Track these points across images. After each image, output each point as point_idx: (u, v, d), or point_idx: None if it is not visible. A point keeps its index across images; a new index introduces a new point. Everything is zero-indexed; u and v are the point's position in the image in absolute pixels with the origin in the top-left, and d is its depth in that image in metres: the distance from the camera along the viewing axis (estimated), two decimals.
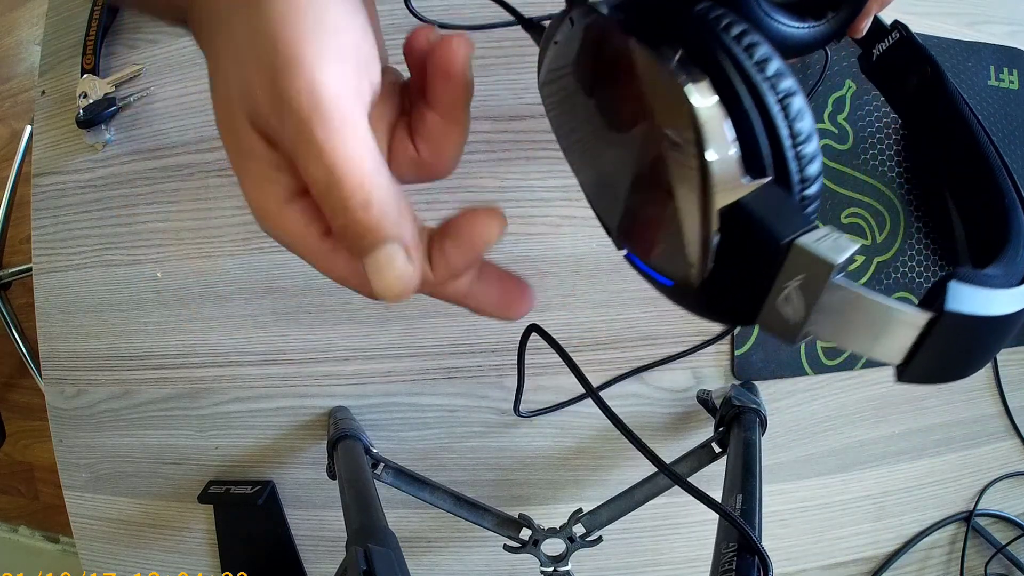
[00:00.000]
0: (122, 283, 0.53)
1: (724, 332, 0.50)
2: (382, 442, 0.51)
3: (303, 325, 0.51)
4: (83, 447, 0.54)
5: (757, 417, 0.44)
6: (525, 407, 0.49)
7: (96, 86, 0.51)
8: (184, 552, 0.54)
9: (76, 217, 0.53)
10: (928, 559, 0.54)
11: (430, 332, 0.50)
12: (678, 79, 0.18)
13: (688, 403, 0.51)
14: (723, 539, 0.33)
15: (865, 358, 0.51)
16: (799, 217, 0.18)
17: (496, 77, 0.49)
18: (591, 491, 0.52)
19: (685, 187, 0.19)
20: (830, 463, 0.52)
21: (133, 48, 0.53)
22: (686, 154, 0.18)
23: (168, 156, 0.52)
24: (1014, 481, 0.54)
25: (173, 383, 0.53)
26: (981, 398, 0.53)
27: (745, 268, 0.19)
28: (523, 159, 0.49)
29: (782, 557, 0.53)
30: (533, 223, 0.50)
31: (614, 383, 0.50)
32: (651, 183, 0.21)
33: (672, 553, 0.52)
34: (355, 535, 0.34)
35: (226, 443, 0.53)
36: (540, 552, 0.44)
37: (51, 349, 0.54)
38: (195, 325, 0.52)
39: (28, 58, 1.39)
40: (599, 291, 0.50)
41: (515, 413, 0.48)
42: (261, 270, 0.51)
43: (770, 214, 0.18)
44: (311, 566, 0.53)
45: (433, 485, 0.45)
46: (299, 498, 0.53)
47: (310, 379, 0.51)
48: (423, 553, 0.53)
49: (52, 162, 0.53)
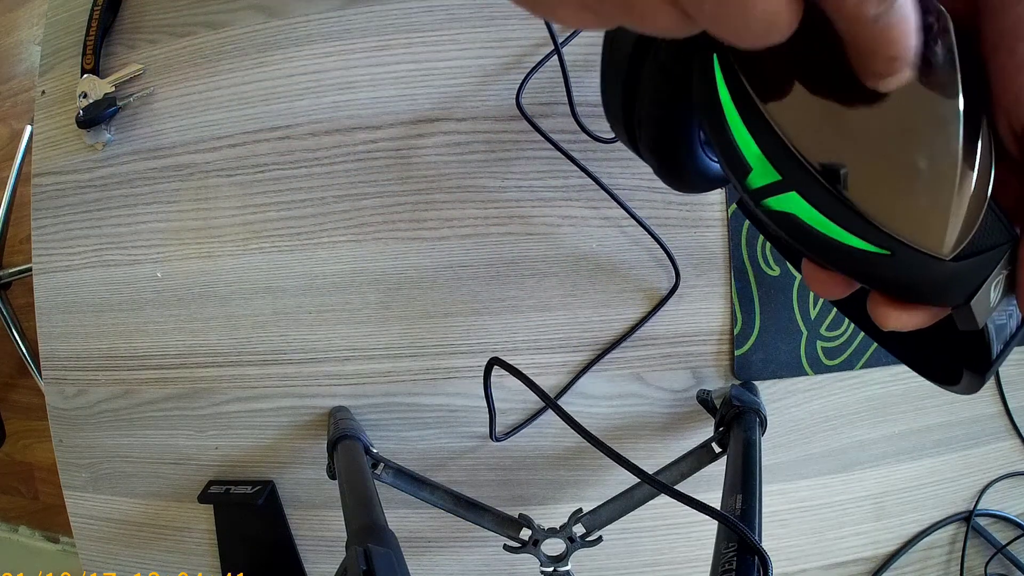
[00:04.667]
0: (122, 283, 0.53)
1: (661, 301, 0.50)
2: (382, 442, 0.51)
3: (303, 325, 0.51)
4: (83, 447, 0.54)
5: (757, 417, 0.44)
6: (520, 412, 0.49)
7: (96, 86, 0.51)
8: (184, 552, 0.54)
9: (76, 217, 0.53)
10: (928, 559, 0.54)
11: (430, 332, 0.50)
12: None
13: (688, 403, 0.51)
14: (723, 539, 0.33)
15: (865, 359, 0.51)
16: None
17: (496, 77, 0.49)
18: (591, 491, 0.52)
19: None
20: (830, 463, 0.52)
21: (133, 48, 0.53)
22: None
23: (168, 156, 0.52)
24: (1014, 481, 0.54)
25: (173, 383, 0.53)
26: (981, 398, 0.53)
27: (986, 248, 0.18)
28: (523, 159, 0.49)
29: (782, 557, 0.53)
30: (533, 223, 0.50)
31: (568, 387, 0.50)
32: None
33: (672, 553, 0.52)
34: (355, 535, 0.34)
35: (226, 443, 0.53)
36: (540, 552, 0.44)
37: (51, 349, 0.54)
38: (195, 325, 0.52)
39: (28, 58, 1.39)
40: (599, 291, 0.50)
41: (491, 439, 0.49)
42: (261, 270, 0.51)
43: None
44: (311, 566, 0.53)
45: (433, 485, 0.45)
46: (299, 498, 0.53)
47: (310, 379, 0.51)
48: (423, 553, 0.53)
49: (52, 162, 0.53)
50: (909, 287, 0.19)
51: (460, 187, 0.50)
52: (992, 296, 0.19)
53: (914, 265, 0.18)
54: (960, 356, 0.23)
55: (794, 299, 0.50)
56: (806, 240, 0.19)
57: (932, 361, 0.26)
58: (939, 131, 0.17)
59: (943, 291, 0.18)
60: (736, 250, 0.49)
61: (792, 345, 0.50)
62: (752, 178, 0.19)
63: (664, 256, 0.49)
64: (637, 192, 0.49)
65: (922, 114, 0.17)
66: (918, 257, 0.17)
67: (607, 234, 0.50)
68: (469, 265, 0.50)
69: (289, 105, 0.51)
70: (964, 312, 0.19)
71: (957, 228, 0.17)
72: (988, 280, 0.18)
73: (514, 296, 0.50)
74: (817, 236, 0.18)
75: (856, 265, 0.19)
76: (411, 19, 0.50)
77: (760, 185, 0.19)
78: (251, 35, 0.51)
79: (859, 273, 0.19)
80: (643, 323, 0.50)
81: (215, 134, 0.51)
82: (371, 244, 0.50)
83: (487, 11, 0.49)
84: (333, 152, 0.50)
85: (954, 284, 0.18)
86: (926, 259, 0.17)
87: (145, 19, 0.53)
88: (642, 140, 0.28)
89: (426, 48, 0.50)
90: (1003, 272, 0.18)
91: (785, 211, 0.19)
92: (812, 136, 0.18)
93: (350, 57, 0.50)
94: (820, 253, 0.19)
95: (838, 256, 0.19)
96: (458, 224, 0.50)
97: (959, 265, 0.17)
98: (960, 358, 0.23)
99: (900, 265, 0.18)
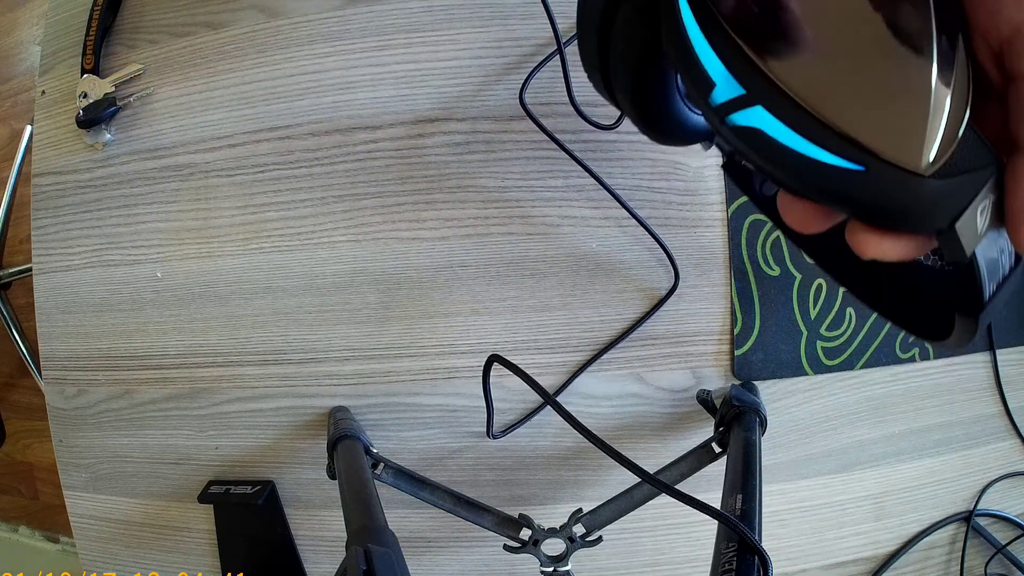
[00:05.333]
0: (122, 283, 0.53)
1: (661, 304, 0.50)
2: (382, 442, 0.51)
3: (303, 325, 0.51)
4: (83, 447, 0.54)
5: (757, 417, 0.44)
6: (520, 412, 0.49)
7: (96, 86, 0.51)
8: (184, 552, 0.54)
9: (76, 217, 0.53)
10: (928, 559, 0.54)
11: (430, 332, 0.50)
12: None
13: (688, 403, 0.51)
14: (723, 539, 0.33)
15: (865, 359, 0.51)
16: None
17: (496, 77, 0.49)
18: (591, 491, 0.52)
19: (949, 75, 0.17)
20: (830, 463, 0.52)
21: (133, 48, 0.53)
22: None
23: (168, 156, 0.52)
24: (1014, 481, 0.54)
25: (173, 383, 0.53)
26: (981, 398, 0.53)
27: (969, 170, 0.17)
28: (523, 159, 0.49)
29: (782, 557, 0.53)
30: (533, 223, 0.50)
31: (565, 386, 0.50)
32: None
33: (672, 553, 0.52)
34: (355, 535, 0.34)
35: (226, 443, 0.53)
36: (540, 552, 0.44)
37: (51, 349, 0.54)
38: (195, 325, 0.52)
39: (28, 58, 1.39)
40: (599, 291, 0.50)
41: (489, 436, 0.49)
42: (261, 270, 0.51)
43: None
44: (311, 566, 0.53)
45: (433, 485, 0.45)
46: (299, 498, 0.53)
47: (310, 379, 0.51)
48: (423, 553, 0.53)
49: (52, 162, 0.53)
50: (887, 211, 0.18)
51: (460, 187, 0.50)
52: (979, 223, 0.18)
53: (891, 183, 0.17)
54: (951, 302, 0.21)
55: (794, 299, 0.50)
56: (775, 159, 0.18)
57: (919, 313, 0.24)
58: (911, 42, 0.17)
59: (924, 214, 0.17)
60: (736, 250, 0.50)
61: (792, 345, 0.50)
62: (716, 93, 0.19)
63: (665, 256, 0.49)
64: (637, 192, 0.49)
65: (893, 27, 0.17)
66: (894, 173, 0.17)
67: (607, 234, 0.50)
68: (469, 265, 0.50)
69: (289, 105, 0.51)
70: (950, 239, 0.17)
71: (935, 143, 0.16)
72: (973, 203, 0.17)
73: (514, 296, 0.50)
74: (785, 153, 0.18)
75: (828, 185, 0.17)
76: (411, 19, 0.50)
77: (724, 100, 0.18)
78: (251, 35, 0.51)
79: (833, 195, 0.18)
80: (642, 322, 0.50)
81: (215, 134, 0.51)
82: (371, 244, 0.50)
83: (487, 11, 0.49)
84: (333, 152, 0.50)
85: (935, 206, 0.17)
86: (903, 176, 0.17)
87: (145, 19, 0.53)
88: (618, 86, 0.28)
89: (426, 48, 0.50)
90: (989, 197, 0.17)
91: (751, 126, 0.18)
92: (773, 47, 0.18)
93: (350, 57, 0.50)
94: (790, 174, 0.18)
95: (809, 176, 0.18)
96: (458, 224, 0.50)
97: (940, 184, 0.17)
98: (951, 303, 0.21)
99: (875, 183, 0.17)
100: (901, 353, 0.51)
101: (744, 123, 0.18)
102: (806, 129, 0.17)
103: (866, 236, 0.18)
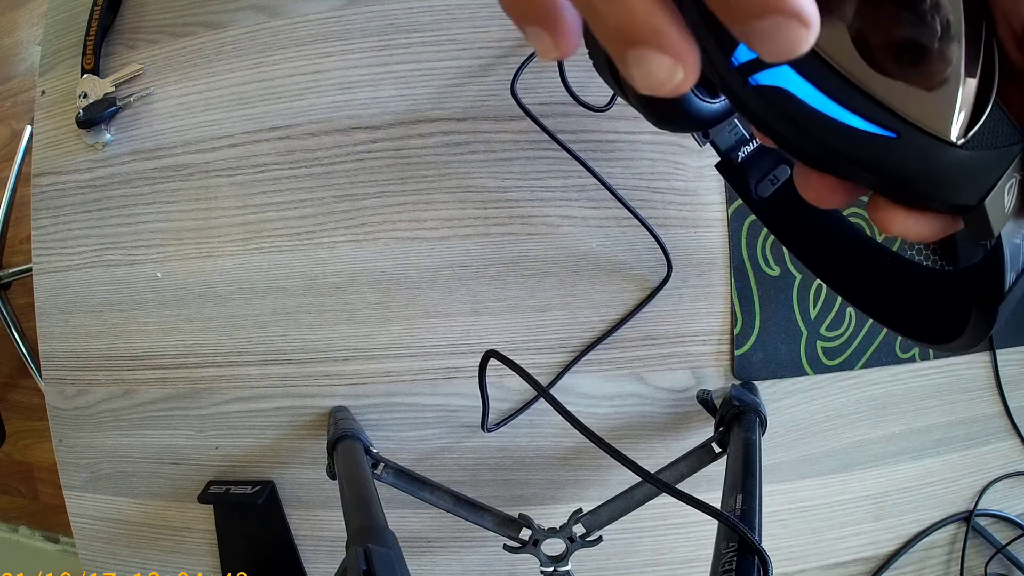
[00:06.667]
0: (122, 283, 0.53)
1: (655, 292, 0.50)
2: (382, 442, 0.51)
3: (303, 325, 0.51)
4: (83, 447, 0.54)
5: (757, 417, 0.44)
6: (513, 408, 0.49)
7: (96, 86, 0.51)
8: (184, 552, 0.54)
9: (76, 217, 0.53)
10: (928, 559, 0.54)
11: (430, 332, 0.50)
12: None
13: (688, 403, 0.51)
14: (723, 539, 0.33)
15: (865, 359, 0.51)
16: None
17: (496, 77, 0.49)
18: (591, 491, 0.52)
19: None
20: (830, 463, 0.52)
21: (133, 48, 0.53)
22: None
23: (168, 156, 0.52)
24: (1014, 481, 0.54)
25: (173, 383, 0.53)
26: (981, 398, 0.53)
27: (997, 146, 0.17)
28: (523, 159, 0.49)
29: (782, 557, 0.53)
30: (533, 223, 0.50)
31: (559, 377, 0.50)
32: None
33: (672, 553, 0.52)
34: (355, 535, 0.34)
35: (226, 443, 0.53)
36: (540, 552, 0.44)
37: (51, 349, 0.54)
38: (195, 325, 0.52)
39: (28, 58, 1.39)
40: (599, 291, 0.50)
41: (483, 429, 0.49)
42: (261, 270, 0.51)
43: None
44: (311, 566, 0.53)
45: (433, 485, 0.45)
46: (299, 498, 0.53)
47: (310, 379, 0.51)
48: (423, 553, 0.53)
49: (52, 162, 0.53)
50: (916, 181, 0.17)
51: (460, 187, 0.50)
52: (1007, 201, 0.17)
53: (922, 151, 0.16)
54: (966, 295, 0.21)
55: (794, 299, 0.50)
56: (800, 123, 0.17)
57: (923, 318, 0.24)
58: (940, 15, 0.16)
59: (955, 187, 0.17)
60: (736, 250, 0.50)
61: (792, 345, 0.50)
62: (740, 51, 0.17)
63: (665, 257, 0.49)
64: (637, 192, 0.49)
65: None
66: (926, 141, 0.16)
67: (607, 234, 0.50)
68: (469, 265, 0.50)
69: (289, 105, 0.51)
70: (977, 216, 0.17)
71: (965, 113, 0.16)
72: (1002, 179, 0.17)
73: (514, 296, 0.50)
74: (812, 117, 0.17)
75: (858, 153, 0.17)
76: (411, 19, 0.50)
77: (749, 58, 0.17)
78: (251, 35, 0.51)
79: (862, 163, 0.17)
80: (636, 312, 0.50)
81: (215, 134, 0.51)
82: (371, 244, 0.50)
83: (487, 11, 0.49)
84: (333, 152, 0.50)
85: (965, 178, 0.17)
86: (935, 144, 0.16)
87: (145, 19, 0.53)
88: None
89: (426, 48, 0.50)
90: (1016, 176, 0.17)
91: (777, 86, 0.17)
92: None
93: (350, 57, 0.50)
94: (816, 141, 0.17)
95: (838, 142, 0.17)
96: (458, 224, 0.50)
97: (969, 155, 0.16)
98: (966, 298, 0.21)
99: (907, 151, 0.16)
100: (901, 353, 0.51)
101: (769, 83, 0.17)
102: (836, 92, 0.16)
103: (891, 212, 0.18)
